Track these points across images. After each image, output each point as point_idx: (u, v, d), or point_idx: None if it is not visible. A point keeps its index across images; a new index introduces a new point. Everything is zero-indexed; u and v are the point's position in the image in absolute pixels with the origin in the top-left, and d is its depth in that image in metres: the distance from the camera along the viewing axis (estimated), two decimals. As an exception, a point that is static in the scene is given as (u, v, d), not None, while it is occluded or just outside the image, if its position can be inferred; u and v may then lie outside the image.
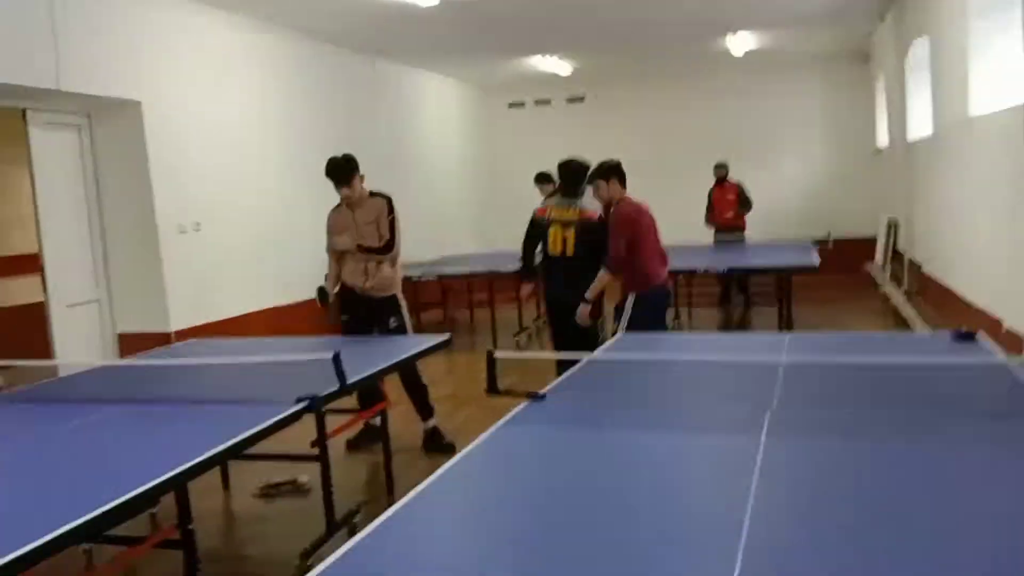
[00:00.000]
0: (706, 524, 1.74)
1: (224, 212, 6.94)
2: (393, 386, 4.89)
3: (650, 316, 4.68)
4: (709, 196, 9.48)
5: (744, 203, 9.28)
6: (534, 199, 6.24)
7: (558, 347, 4.97)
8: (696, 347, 3.82)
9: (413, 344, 4.20)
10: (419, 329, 8.99)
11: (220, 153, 6.95)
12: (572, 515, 1.83)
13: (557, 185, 5.52)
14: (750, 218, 9.49)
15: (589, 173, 4.84)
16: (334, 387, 3.16)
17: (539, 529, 1.78)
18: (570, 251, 4.82)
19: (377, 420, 4.79)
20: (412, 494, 1.96)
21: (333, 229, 4.98)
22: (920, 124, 7.91)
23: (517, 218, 14.72)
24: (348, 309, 4.98)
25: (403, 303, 5.05)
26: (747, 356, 3.16)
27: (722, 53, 10.98)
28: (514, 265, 6.65)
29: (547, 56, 10.73)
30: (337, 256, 4.99)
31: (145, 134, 6.17)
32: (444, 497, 2.01)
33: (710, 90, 12.48)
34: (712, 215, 9.37)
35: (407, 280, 5.97)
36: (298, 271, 7.48)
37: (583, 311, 4.70)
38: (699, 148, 12.21)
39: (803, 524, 1.74)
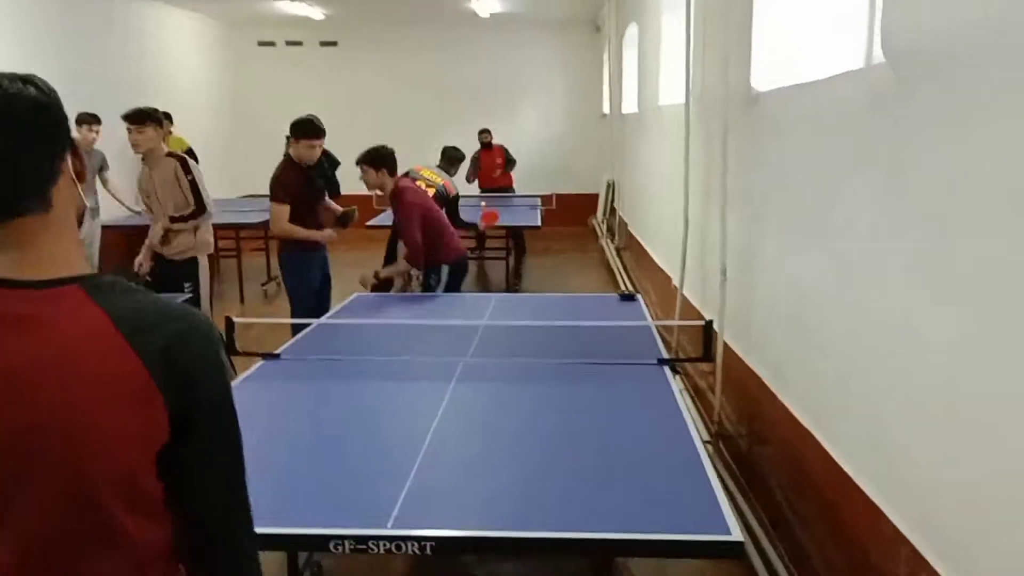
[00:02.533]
0: (390, 452, 2.31)
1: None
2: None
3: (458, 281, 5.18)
4: (475, 160, 10.27)
5: (509, 163, 10.34)
6: (284, 142, 5.94)
7: None
8: (420, 309, 4.40)
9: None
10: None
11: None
12: (290, 452, 2.32)
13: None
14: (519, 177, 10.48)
15: (359, 157, 4.92)
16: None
17: (262, 465, 2.25)
18: None
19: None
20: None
21: (140, 190, 5.01)
22: (631, 99, 9.03)
23: (266, 162, 14.54)
24: (151, 271, 4.97)
25: (203, 267, 4.99)
26: (456, 318, 3.79)
27: (470, 12, 11.58)
28: (258, 215, 7.60)
29: (295, 1, 10.68)
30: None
31: None
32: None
33: (460, 47, 13.05)
34: (479, 177, 10.14)
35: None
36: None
37: (367, 282, 4.85)
38: (450, 100, 12.88)
39: (465, 449, 2.37)
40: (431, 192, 6.14)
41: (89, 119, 7.00)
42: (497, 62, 13.10)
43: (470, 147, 10.72)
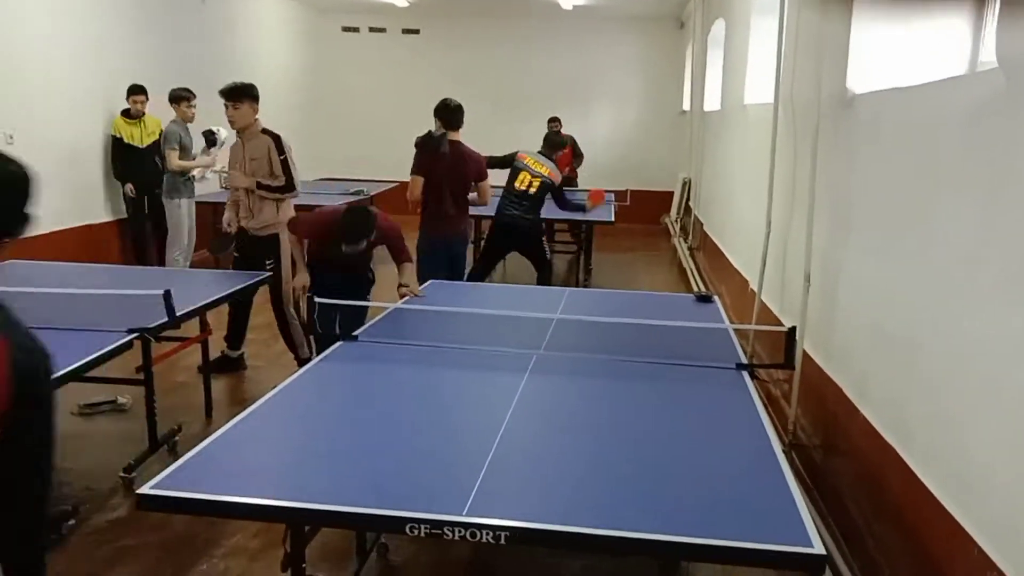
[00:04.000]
0: (466, 440, 2.32)
1: (38, 125, 6.72)
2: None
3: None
4: None
5: (577, 156, 10.02)
6: (367, 127, 5.86)
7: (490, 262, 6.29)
8: (492, 298, 4.42)
9: (239, 280, 4.50)
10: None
11: (29, 63, 6.68)
12: (367, 433, 2.35)
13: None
14: (582, 170, 10.30)
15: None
16: (163, 320, 3.49)
17: (340, 445, 2.30)
18: (532, 191, 6.12)
19: (236, 352, 5.21)
20: (232, 422, 2.39)
21: (231, 163, 5.14)
22: (713, 97, 8.87)
23: (347, 145, 14.76)
24: (238, 245, 5.15)
25: (284, 243, 5.08)
26: (529, 309, 3.78)
27: (553, 5, 11.54)
28: (336, 197, 8.08)
29: (383, -12, 10.80)
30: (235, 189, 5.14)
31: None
32: (262, 421, 2.47)
33: (541, 38, 13.03)
34: None
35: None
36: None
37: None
38: (528, 92, 12.87)
39: (539, 442, 2.37)
40: (536, 183, 6.14)
41: (188, 95, 7.22)
42: (577, 55, 13.03)
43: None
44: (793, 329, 3.10)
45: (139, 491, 1.94)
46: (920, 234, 2.72)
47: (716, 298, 4.26)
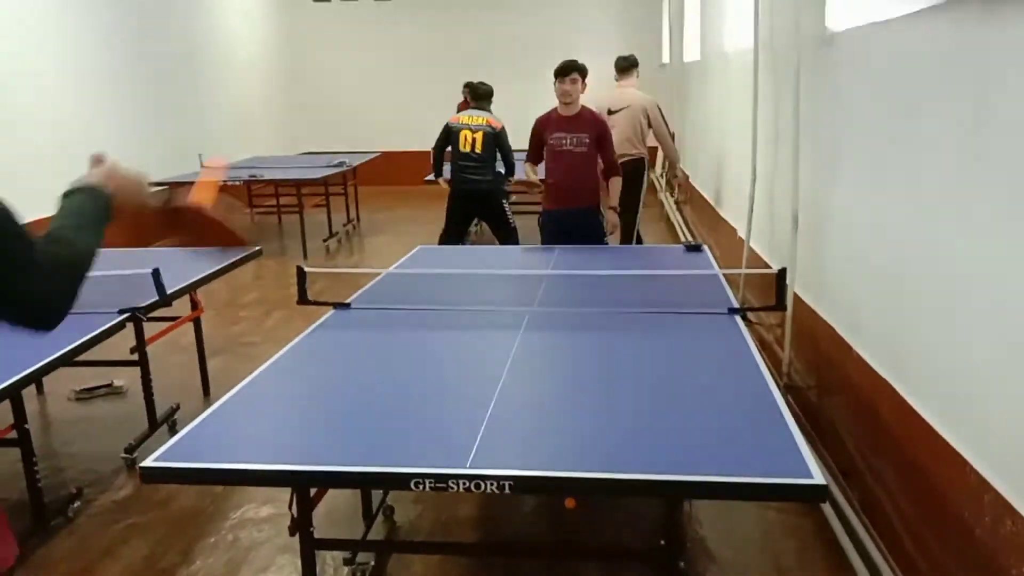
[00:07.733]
0: (464, 397, 2.33)
1: (13, 112, 6.63)
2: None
3: None
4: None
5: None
6: (343, 99, 5.87)
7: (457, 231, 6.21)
8: (481, 260, 4.42)
9: (225, 256, 4.46)
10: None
11: None
12: (365, 396, 2.36)
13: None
14: None
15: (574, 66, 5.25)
16: (153, 299, 3.47)
17: (340, 408, 2.31)
18: (478, 149, 6.10)
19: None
20: (231, 392, 2.39)
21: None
22: (693, 47, 8.80)
23: (324, 119, 14.59)
24: None
25: None
26: (519, 268, 3.79)
27: (526, -37, 11.40)
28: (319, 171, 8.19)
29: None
30: None
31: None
32: (261, 391, 2.47)
33: (515, -1, 12.89)
34: None
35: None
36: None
37: (613, 218, 4.99)
38: (505, 52, 12.73)
39: (538, 393, 2.39)
40: (479, 137, 6.16)
41: None
42: (552, 13, 12.89)
43: (527, 98, 10.53)
44: (783, 270, 3.12)
45: (142, 464, 1.95)
46: (906, 166, 2.72)
47: (706, 247, 4.26)
